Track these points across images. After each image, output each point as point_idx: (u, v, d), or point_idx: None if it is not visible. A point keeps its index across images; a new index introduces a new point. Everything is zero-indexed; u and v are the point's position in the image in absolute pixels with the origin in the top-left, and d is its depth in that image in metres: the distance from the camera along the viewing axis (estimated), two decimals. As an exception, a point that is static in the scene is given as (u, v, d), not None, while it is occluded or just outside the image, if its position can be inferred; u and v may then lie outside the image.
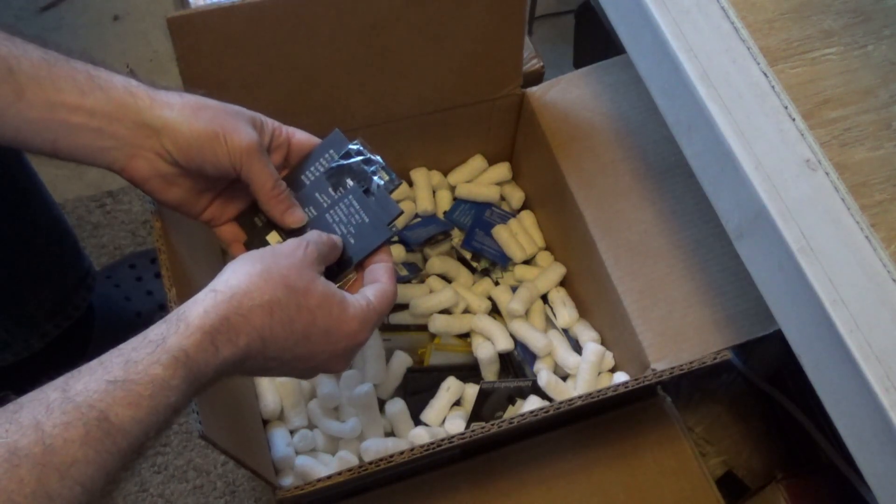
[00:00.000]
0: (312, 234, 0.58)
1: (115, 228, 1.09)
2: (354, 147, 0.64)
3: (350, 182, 0.63)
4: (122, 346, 0.46)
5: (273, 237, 0.63)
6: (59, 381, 0.44)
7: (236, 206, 0.64)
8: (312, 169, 0.64)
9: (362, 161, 0.63)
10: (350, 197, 0.62)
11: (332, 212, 0.63)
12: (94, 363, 0.45)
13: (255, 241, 0.64)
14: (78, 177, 1.14)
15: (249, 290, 0.50)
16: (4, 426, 0.40)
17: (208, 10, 0.70)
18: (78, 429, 0.41)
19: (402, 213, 0.62)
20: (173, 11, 0.70)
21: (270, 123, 0.62)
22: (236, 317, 0.49)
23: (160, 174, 0.58)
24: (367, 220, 0.62)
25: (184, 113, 0.56)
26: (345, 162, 0.63)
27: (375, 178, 0.63)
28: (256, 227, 0.64)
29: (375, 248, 0.61)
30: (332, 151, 0.64)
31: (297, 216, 0.62)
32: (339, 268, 0.61)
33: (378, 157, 0.64)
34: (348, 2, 0.73)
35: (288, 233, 0.63)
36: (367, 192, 0.62)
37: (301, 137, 0.64)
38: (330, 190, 0.63)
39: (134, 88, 0.55)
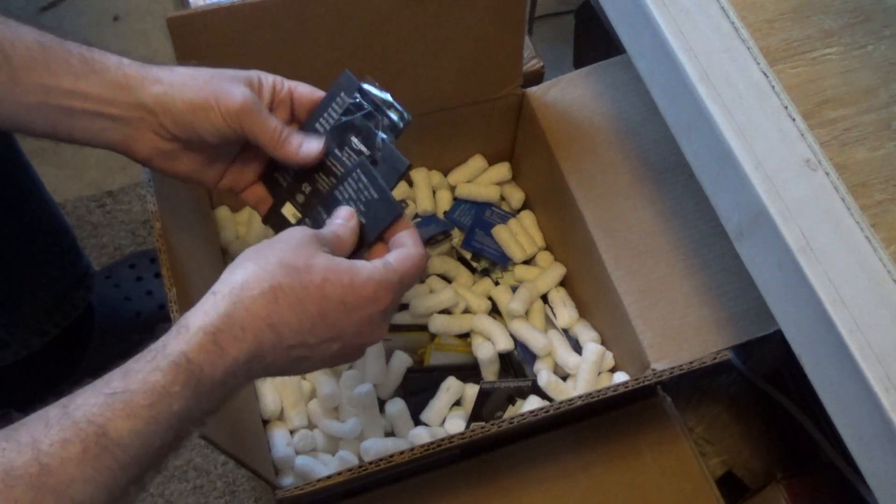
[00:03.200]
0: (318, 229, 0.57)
1: (115, 228, 1.09)
2: (367, 86, 0.61)
3: (354, 140, 0.61)
4: (128, 361, 0.45)
5: (288, 209, 0.62)
6: (64, 398, 0.42)
7: (255, 170, 0.63)
8: (325, 115, 0.62)
9: (364, 115, 0.60)
10: (358, 171, 0.60)
11: (340, 188, 0.61)
12: (99, 379, 0.44)
13: (279, 199, 0.63)
14: (78, 177, 1.14)
15: (247, 282, 0.48)
16: (2, 444, 0.39)
17: (208, 10, 0.70)
18: (75, 446, 0.40)
19: (409, 165, 0.59)
20: (173, 11, 0.70)
21: (270, 79, 0.61)
22: (239, 311, 0.47)
23: (162, 152, 0.57)
24: (375, 196, 0.59)
25: (174, 87, 0.55)
26: (346, 118, 0.61)
27: (380, 133, 0.60)
28: (280, 186, 0.63)
29: (387, 225, 0.58)
30: (342, 95, 0.62)
31: (312, 145, 0.59)
32: (356, 251, 0.59)
33: (387, 95, 0.61)
34: (348, 2, 0.73)
35: (302, 204, 0.62)
36: (374, 162, 0.60)
37: (304, 90, 0.62)
38: (336, 151, 0.61)
39: (126, 68, 0.55)
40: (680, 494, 0.74)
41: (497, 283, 0.91)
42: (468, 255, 0.91)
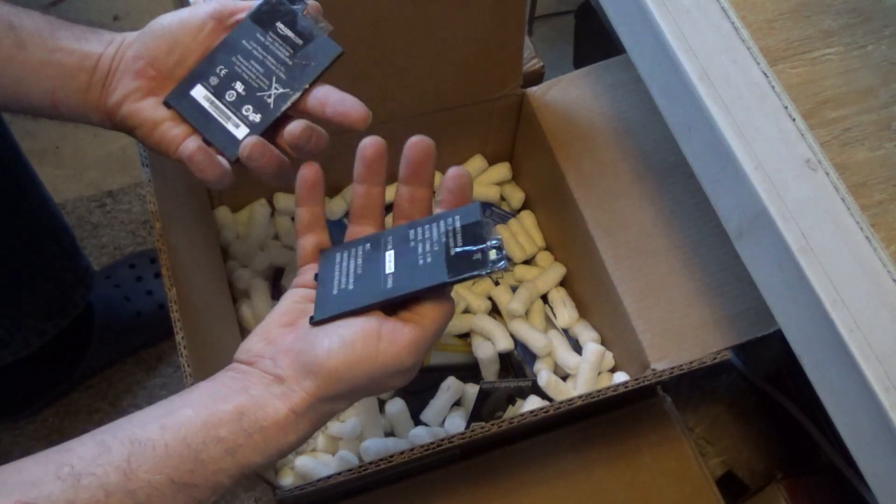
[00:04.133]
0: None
1: (115, 228, 1.09)
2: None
3: (280, 25, 0.58)
4: (189, 423, 0.45)
5: (199, 91, 0.58)
6: (121, 455, 0.43)
7: None
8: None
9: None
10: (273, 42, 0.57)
11: (258, 69, 0.58)
12: (157, 436, 0.44)
13: (188, 83, 0.58)
14: (78, 177, 1.14)
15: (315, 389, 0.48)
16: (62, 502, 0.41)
17: (208, 9, 0.69)
18: None
19: (341, 52, 0.56)
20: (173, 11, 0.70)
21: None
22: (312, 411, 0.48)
23: (134, 90, 0.57)
24: (289, 63, 0.57)
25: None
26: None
27: (301, 17, 0.58)
28: (192, 72, 0.58)
29: (305, 87, 0.56)
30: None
31: None
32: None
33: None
34: (348, 2, 0.73)
35: (215, 86, 0.58)
36: (299, 37, 0.57)
37: None
38: (258, 35, 0.58)
39: (128, 33, 0.58)
40: (680, 494, 0.74)
41: (497, 283, 0.91)
42: (468, 255, 0.91)
